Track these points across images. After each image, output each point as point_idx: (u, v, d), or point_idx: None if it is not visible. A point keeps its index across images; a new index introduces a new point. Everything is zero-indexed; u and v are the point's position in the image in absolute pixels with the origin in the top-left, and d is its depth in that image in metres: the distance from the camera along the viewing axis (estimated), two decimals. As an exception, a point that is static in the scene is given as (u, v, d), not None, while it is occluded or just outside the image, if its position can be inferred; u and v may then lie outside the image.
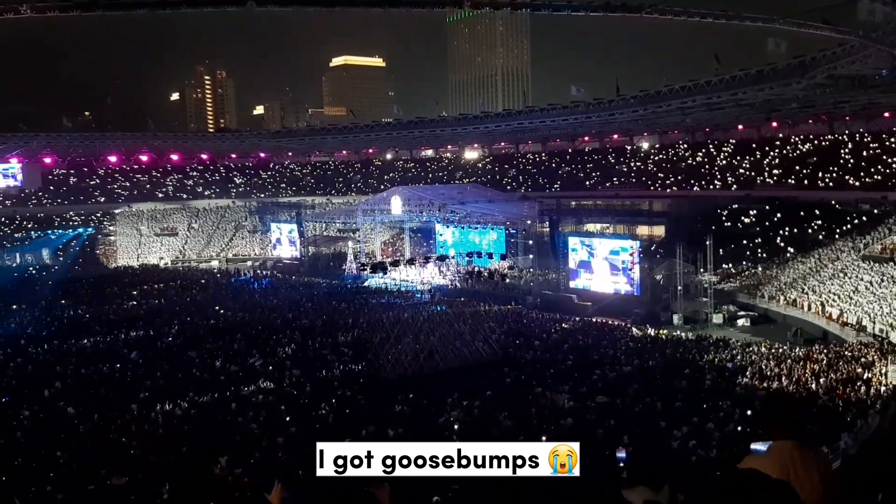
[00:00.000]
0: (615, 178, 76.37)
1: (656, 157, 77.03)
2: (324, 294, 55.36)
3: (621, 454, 17.53)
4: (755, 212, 59.22)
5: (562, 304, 49.63)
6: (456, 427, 23.00)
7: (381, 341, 33.20)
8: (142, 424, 25.52)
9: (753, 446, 3.88)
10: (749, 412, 22.27)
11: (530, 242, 58.73)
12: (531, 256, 58.46)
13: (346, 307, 48.42)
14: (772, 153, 67.67)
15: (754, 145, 69.99)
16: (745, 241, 55.36)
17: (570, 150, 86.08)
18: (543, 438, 20.23)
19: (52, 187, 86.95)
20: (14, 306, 50.84)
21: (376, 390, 28.19)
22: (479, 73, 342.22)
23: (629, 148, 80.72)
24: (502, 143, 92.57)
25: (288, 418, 25.29)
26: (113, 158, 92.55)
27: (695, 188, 69.10)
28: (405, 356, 31.90)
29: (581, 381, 28.64)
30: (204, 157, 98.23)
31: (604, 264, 51.18)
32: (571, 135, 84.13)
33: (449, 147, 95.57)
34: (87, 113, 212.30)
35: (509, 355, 34.09)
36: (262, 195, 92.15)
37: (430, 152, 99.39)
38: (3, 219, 78.89)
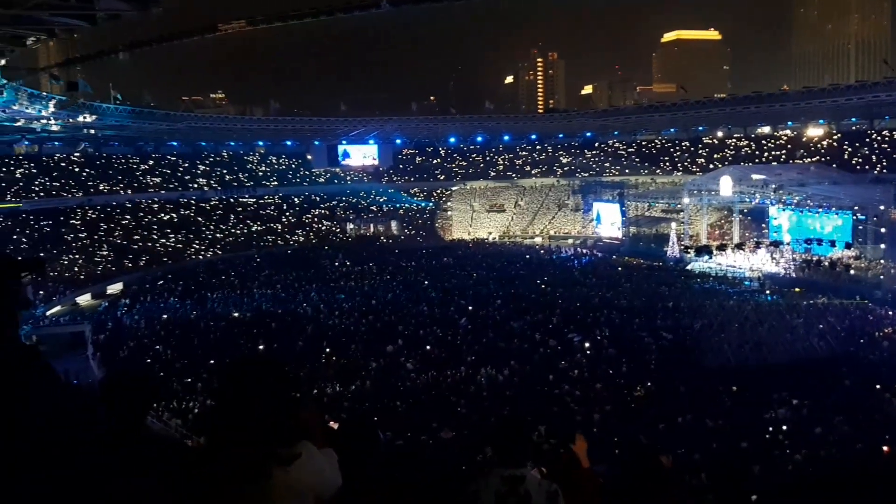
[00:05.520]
0: None
1: None
2: (644, 275, 54.74)
3: None
4: None
5: (920, 302, 43.24)
6: (784, 427, 21.46)
7: (702, 328, 32.05)
8: (469, 385, 27.82)
9: None
10: None
11: (883, 230, 51.84)
12: (882, 246, 51.62)
13: (667, 290, 47.38)
14: None
15: None
16: None
17: (939, 126, 73.86)
18: (885, 448, 18.18)
19: (400, 165, 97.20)
20: (366, 270, 58.07)
21: (695, 378, 27.32)
22: (828, 44, 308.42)
23: None
24: (853, 119, 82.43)
25: (605, 395, 25.71)
26: (452, 139, 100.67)
27: None
28: (728, 345, 30.41)
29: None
30: (532, 137, 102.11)
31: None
32: (942, 108, 72.10)
33: (789, 124, 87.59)
34: (432, 98, 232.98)
35: (850, 355, 30.73)
36: (587, 174, 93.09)
37: (766, 129, 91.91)
38: (361, 192, 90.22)
